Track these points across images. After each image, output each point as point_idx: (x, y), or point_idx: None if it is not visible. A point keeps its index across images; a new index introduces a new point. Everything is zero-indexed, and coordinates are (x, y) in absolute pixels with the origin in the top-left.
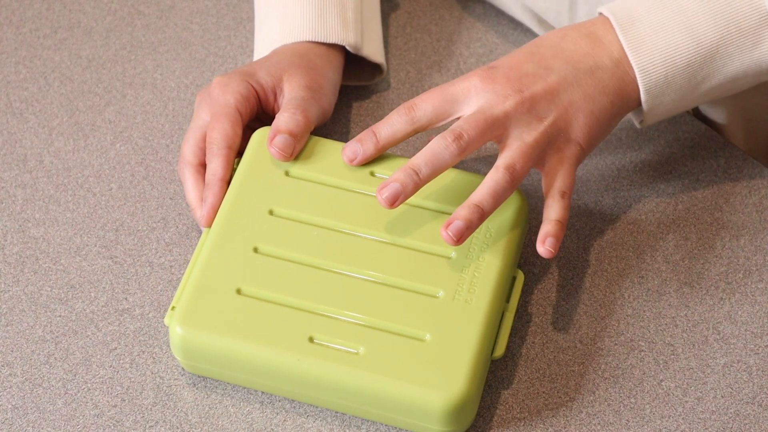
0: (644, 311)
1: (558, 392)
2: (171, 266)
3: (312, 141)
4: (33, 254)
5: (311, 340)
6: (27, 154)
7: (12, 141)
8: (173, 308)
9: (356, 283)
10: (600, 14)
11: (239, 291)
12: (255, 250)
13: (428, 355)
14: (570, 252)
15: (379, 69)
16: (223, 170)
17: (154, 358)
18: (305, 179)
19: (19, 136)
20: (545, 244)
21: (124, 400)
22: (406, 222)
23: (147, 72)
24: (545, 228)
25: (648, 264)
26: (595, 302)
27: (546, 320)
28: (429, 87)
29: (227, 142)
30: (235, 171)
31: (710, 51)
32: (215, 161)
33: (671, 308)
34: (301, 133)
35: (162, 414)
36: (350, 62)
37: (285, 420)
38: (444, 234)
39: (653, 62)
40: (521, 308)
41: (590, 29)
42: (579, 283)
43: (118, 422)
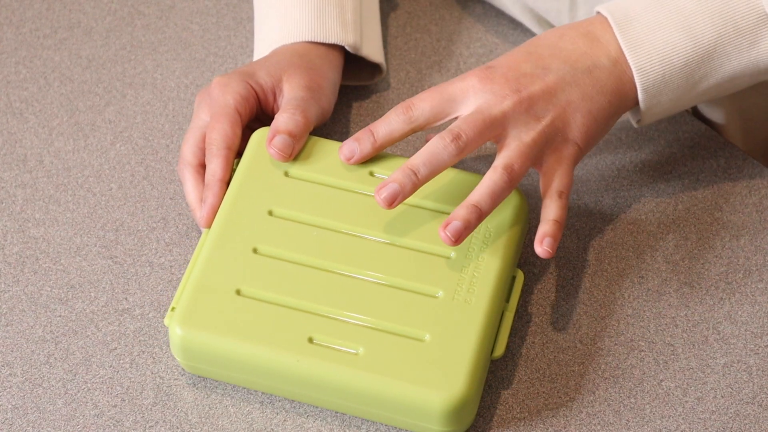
0: (644, 311)
1: (558, 392)
2: (171, 266)
3: (311, 141)
4: (33, 254)
5: (311, 341)
6: (27, 154)
7: (12, 141)
8: (173, 309)
9: (356, 284)
10: (598, 13)
11: (239, 291)
12: (254, 251)
13: (428, 355)
14: (570, 252)
15: (379, 69)
16: (223, 171)
17: (154, 358)
18: (305, 180)
19: (19, 136)
20: (543, 245)
21: (124, 400)
22: (406, 222)
23: (147, 72)
24: (543, 228)
25: (648, 264)
26: (595, 302)
27: (546, 320)
28: (429, 87)
29: (227, 143)
30: (235, 171)
31: (708, 50)
32: (215, 162)
33: (671, 308)
34: (300, 134)
35: (162, 414)
36: (350, 62)
37: (285, 420)
38: (442, 234)
39: (651, 62)
40: (521, 308)
41: (588, 28)
42: (579, 283)
43: (118, 422)
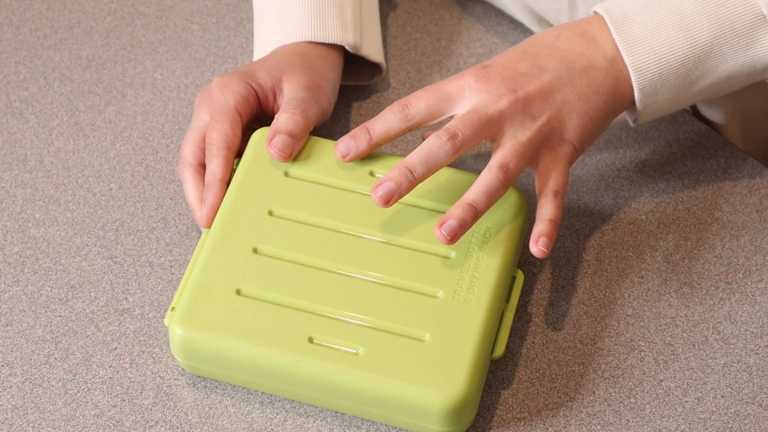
0: (644, 311)
1: (558, 392)
2: (171, 266)
3: (311, 141)
4: (33, 254)
5: (311, 341)
6: (27, 154)
7: (12, 141)
8: (173, 309)
9: (356, 284)
10: (594, 13)
11: (239, 291)
12: (254, 251)
13: (428, 355)
14: (570, 252)
15: (379, 69)
16: (223, 171)
17: (154, 358)
18: (304, 180)
19: (19, 136)
20: (538, 244)
21: (124, 400)
22: (406, 222)
23: (147, 72)
24: (538, 228)
25: (648, 264)
26: (595, 302)
27: (546, 320)
28: None
29: (227, 143)
30: (235, 171)
31: (704, 50)
32: (215, 162)
33: (671, 308)
34: (300, 134)
35: (162, 414)
36: (350, 62)
37: (285, 420)
38: (438, 233)
39: (647, 61)
40: (521, 308)
41: (585, 28)
42: (579, 283)
43: (118, 422)
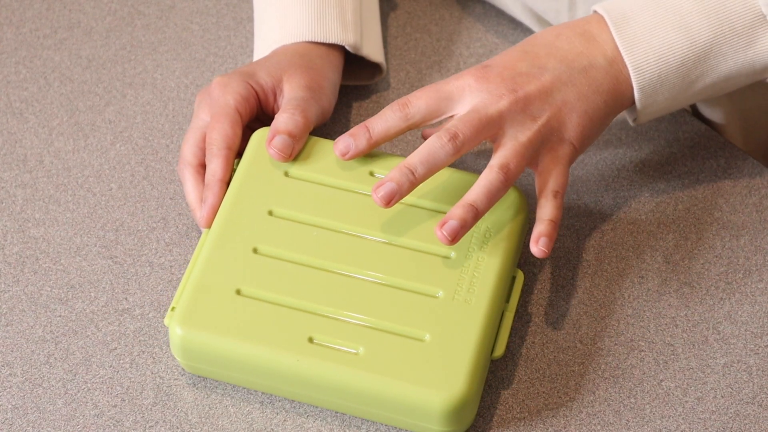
0: (644, 311)
1: (558, 392)
2: (171, 266)
3: (311, 141)
4: (33, 254)
5: (311, 341)
6: (27, 154)
7: (12, 141)
8: (173, 309)
9: (356, 284)
10: (594, 12)
11: (239, 291)
12: (254, 251)
13: (428, 355)
14: (570, 252)
15: (379, 69)
16: (223, 171)
17: (154, 358)
18: (304, 180)
19: (19, 136)
20: (538, 244)
21: (124, 400)
22: (406, 222)
23: (147, 72)
24: (538, 228)
25: (648, 264)
26: (595, 302)
27: (546, 320)
28: None
29: (227, 143)
30: (235, 171)
31: (704, 50)
32: (215, 162)
33: (671, 308)
34: (300, 134)
35: (162, 414)
36: (350, 62)
37: (285, 420)
38: (438, 233)
39: (647, 61)
40: (521, 308)
41: (584, 27)
42: (579, 283)
43: (118, 422)
